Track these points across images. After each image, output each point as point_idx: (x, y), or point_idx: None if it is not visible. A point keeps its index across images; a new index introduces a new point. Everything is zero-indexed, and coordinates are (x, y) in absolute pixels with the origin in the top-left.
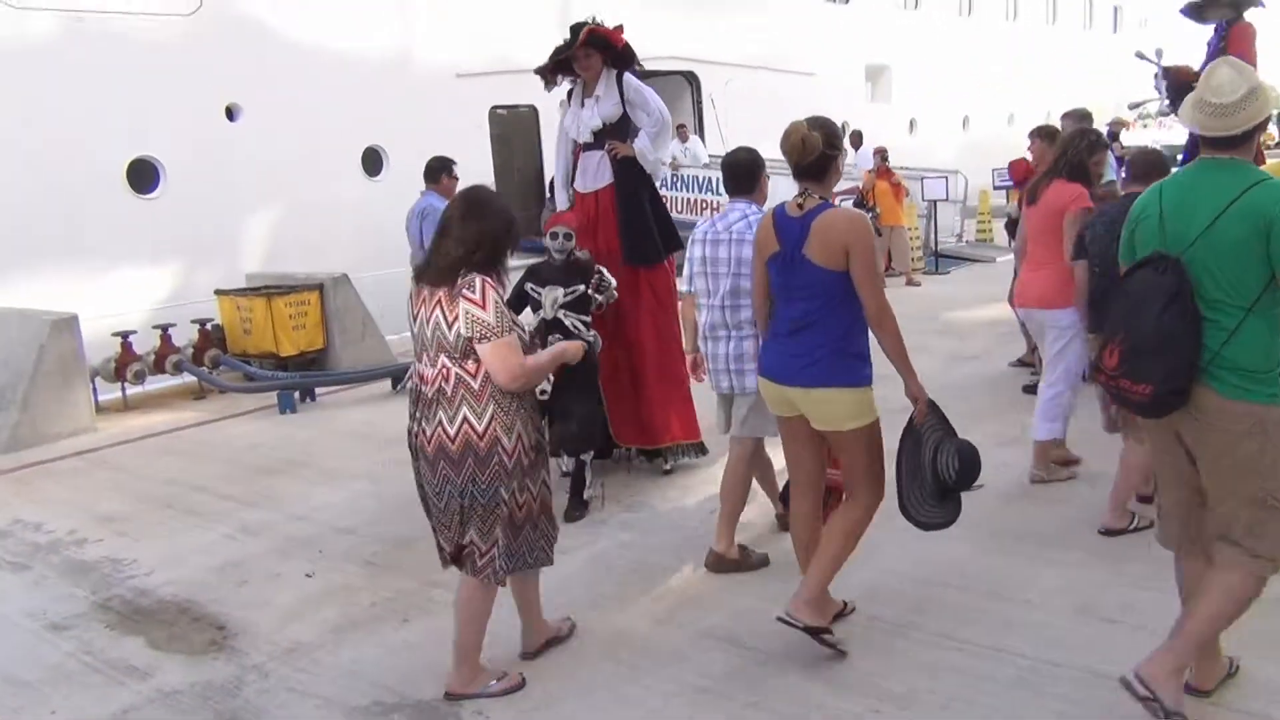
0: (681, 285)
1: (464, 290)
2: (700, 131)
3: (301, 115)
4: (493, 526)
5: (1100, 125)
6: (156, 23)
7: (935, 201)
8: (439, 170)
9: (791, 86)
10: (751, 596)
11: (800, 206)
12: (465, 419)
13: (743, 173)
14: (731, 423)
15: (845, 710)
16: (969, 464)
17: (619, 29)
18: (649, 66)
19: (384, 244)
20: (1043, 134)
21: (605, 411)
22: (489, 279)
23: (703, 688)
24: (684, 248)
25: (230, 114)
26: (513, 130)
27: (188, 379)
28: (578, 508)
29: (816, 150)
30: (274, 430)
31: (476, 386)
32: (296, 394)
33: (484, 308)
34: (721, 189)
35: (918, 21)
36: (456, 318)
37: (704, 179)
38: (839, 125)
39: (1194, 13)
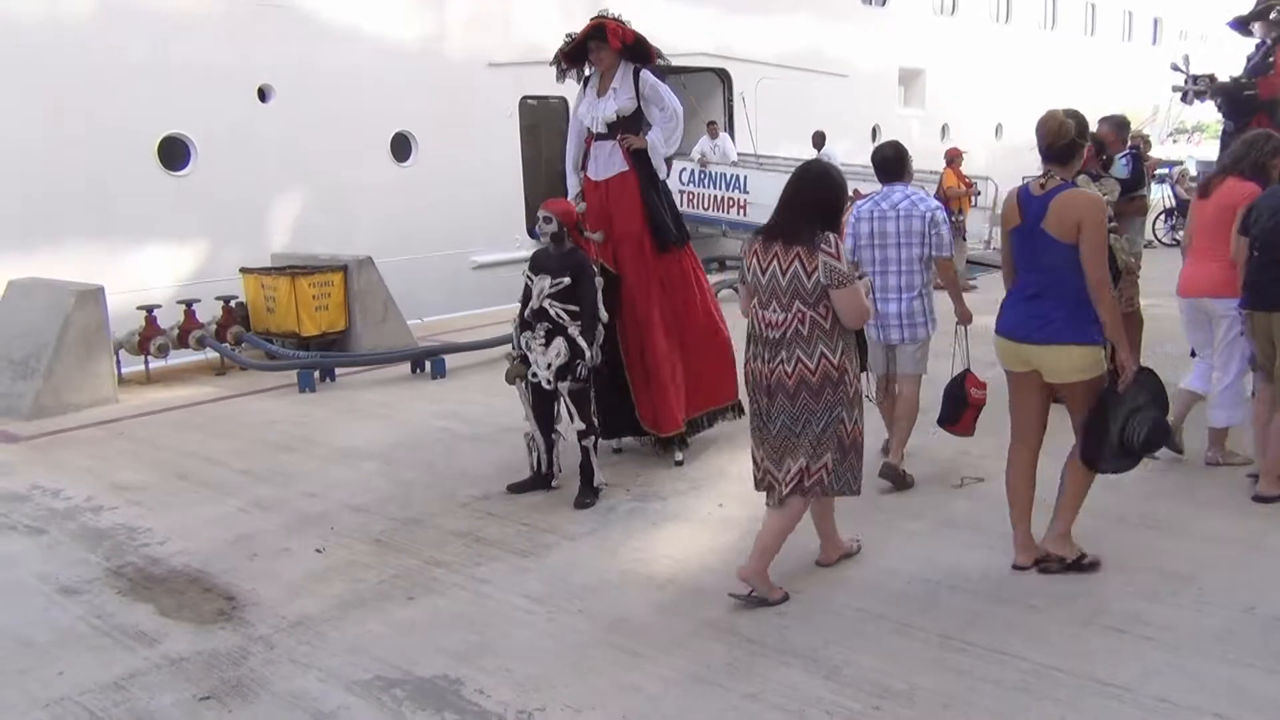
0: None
1: (821, 245)
2: (730, 129)
3: (333, 99)
4: (826, 448)
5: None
6: (193, 2)
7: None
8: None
9: (824, 87)
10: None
11: (1043, 186)
12: (822, 354)
13: (893, 163)
14: (900, 365)
15: (844, 706)
16: (1153, 439)
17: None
18: (680, 63)
19: (410, 229)
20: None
21: (633, 397)
22: (838, 236)
23: (701, 677)
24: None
25: (263, 95)
26: (542, 121)
27: (210, 354)
28: (588, 495)
29: (1069, 136)
30: (292, 408)
31: (828, 326)
32: (316, 373)
33: (839, 259)
34: (749, 186)
35: (954, 26)
36: (815, 268)
37: (731, 176)
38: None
39: (1241, 26)
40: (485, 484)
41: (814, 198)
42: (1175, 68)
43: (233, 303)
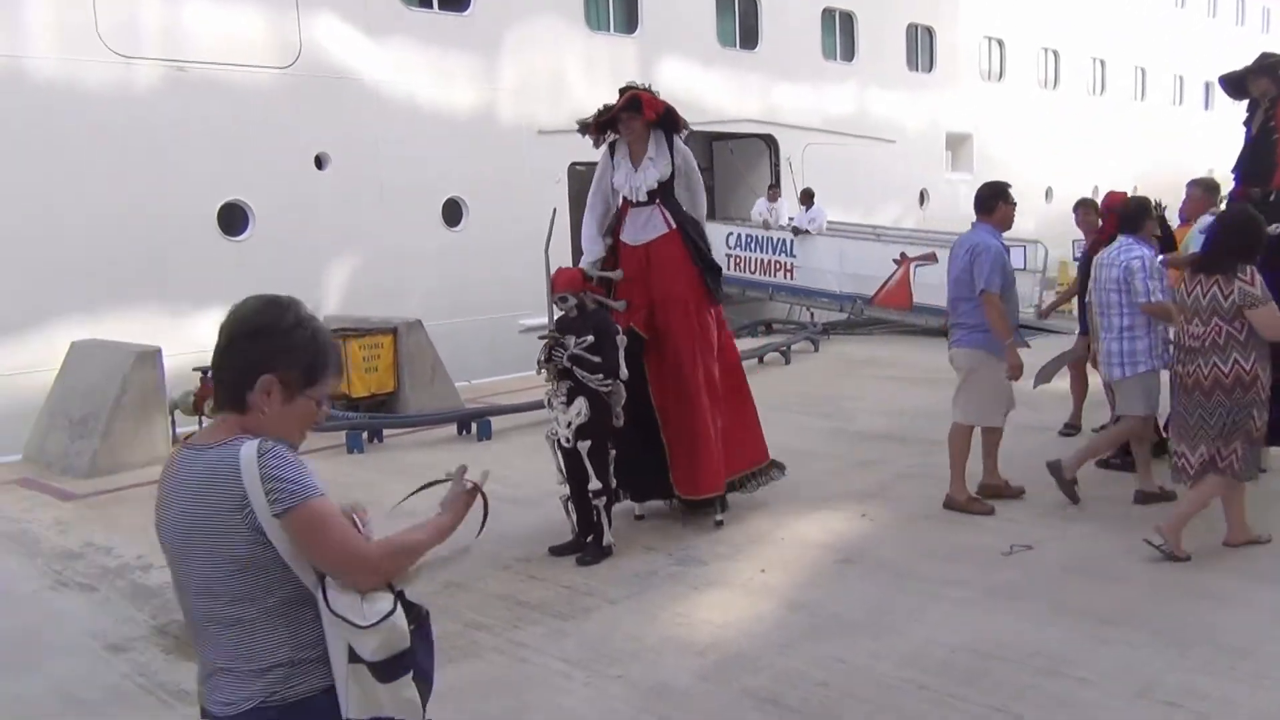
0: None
1: (1238, 274)
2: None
3: (386, 166)
4: (1235, 438)
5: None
6: (255, 73)
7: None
8: (993, 198)
9: (872, 152)
10: (799, 659)
11: None
12: (1236, 361)
13: (1131, 213)
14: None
15: None
16: None
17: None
18: (728, 129)
19: (460, 293)
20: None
21: (668, 459)
22: (1254, 268)
23: None
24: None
25: (319, 163)
26: (589, 187)
27: None
28: (593, 553)
29: None
30: (339, 469)
31: (1242, 339)
32: (365, 434)
33: (1254, 285)
34: (795, 250)
35: (1002, 91)
36: (1232, 292)
37: (778, 241)
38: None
39: (1230, 87)
40: (527, 546)
41: (1237, 242)
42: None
43: None
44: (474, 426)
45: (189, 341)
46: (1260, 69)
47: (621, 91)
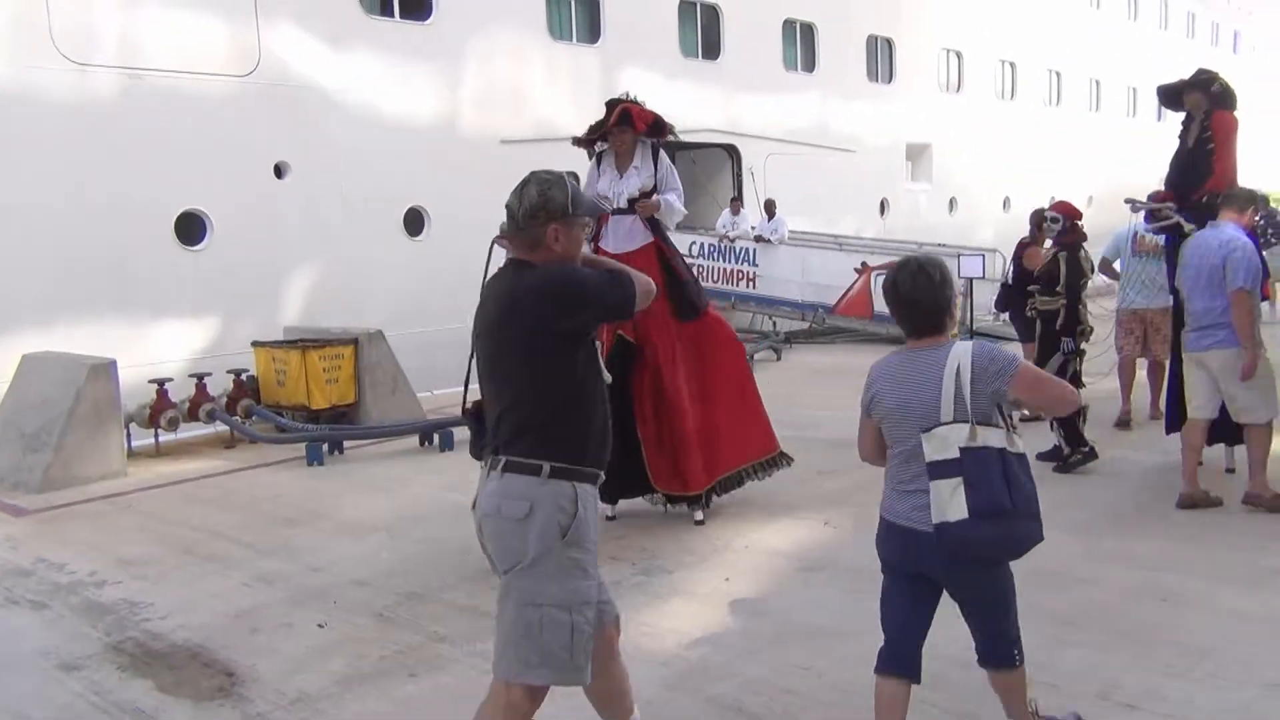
0: None
1: None
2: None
3: (347, 175)
4: None
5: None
6: (213, 82)
7: (972, 279)
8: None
9: (833, 162)
10: (764, 667)
11: None
12: None
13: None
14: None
15: None
16: None
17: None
18: (690, 139)
19: (423, 303)
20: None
21: (644, 457)
22: None
23: None
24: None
25: (279, 172)
26: None
27: (220, 428)
28: None
29: None
30: (300, 481)
31: None
32: (325, 446)
33: None
34: (758, 259)
35: (960, 102)
36: None
37: (740, 250)
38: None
39: (1168, 99)
40: None
41: None
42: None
43: (244, 376)
44: (436, 438)
45: (145, 353)
46: (1195, 84)
47: (609, 105)
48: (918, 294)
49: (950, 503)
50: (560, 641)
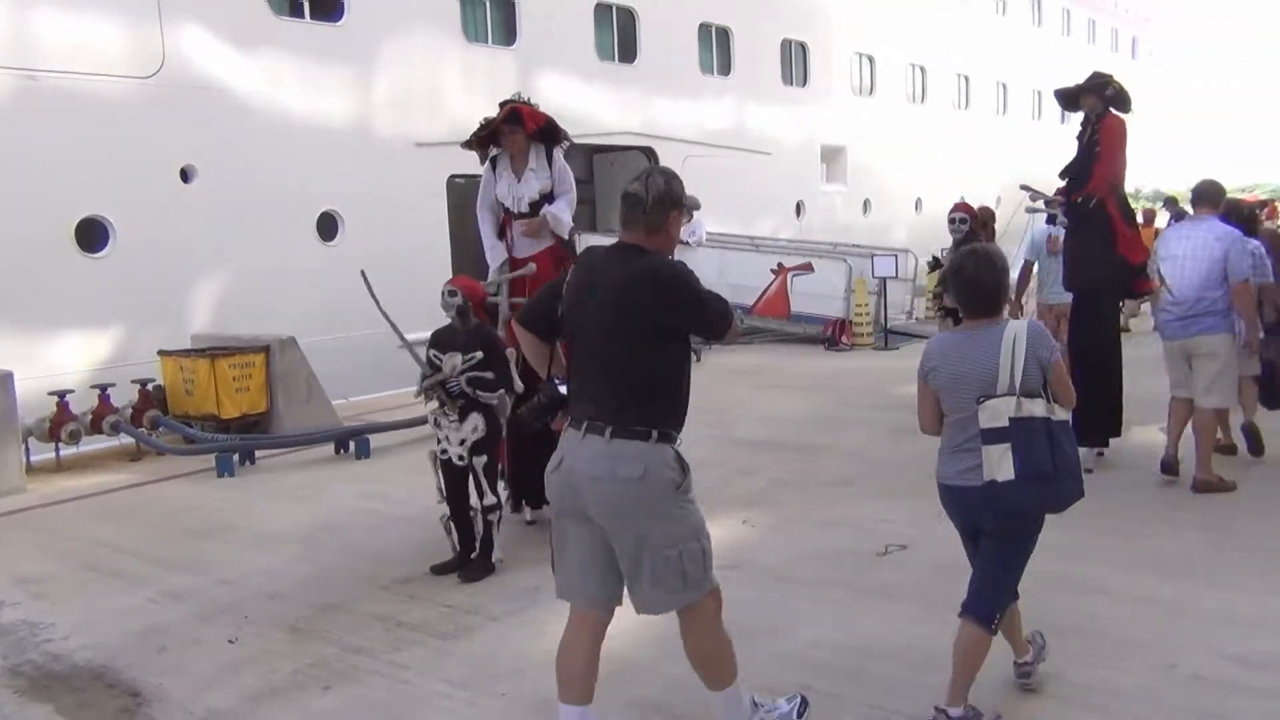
0: None
1: None
2: None
3: (257, 179)
4: None
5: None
6: (114, 83)
7: (885, 279)
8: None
9: (750, 164)
10: (686, 666)
11: None
12: None
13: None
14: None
15: None
16: None
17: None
18: (607, 141)
19: (337, 308)
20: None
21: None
22: None
23: None
24: None
25: (185, 176)
26: (470, 199)
27: (125, 440)
28: (481, 570)
29: None
30: (209, 493)
31: None
32: (235, 456)
33: None
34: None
35: (873, 106)
36: None
37: None
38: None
39: (1066, 101)
40: (409, 566)
41: None
42: (1029, 192)
43: (150, 386)
44: (352, 445)
45: (45, 364)
46: (1090, 88)
47: (501, 105)
48: (981, 278)
49: (999, 465)
50: (697, 565)
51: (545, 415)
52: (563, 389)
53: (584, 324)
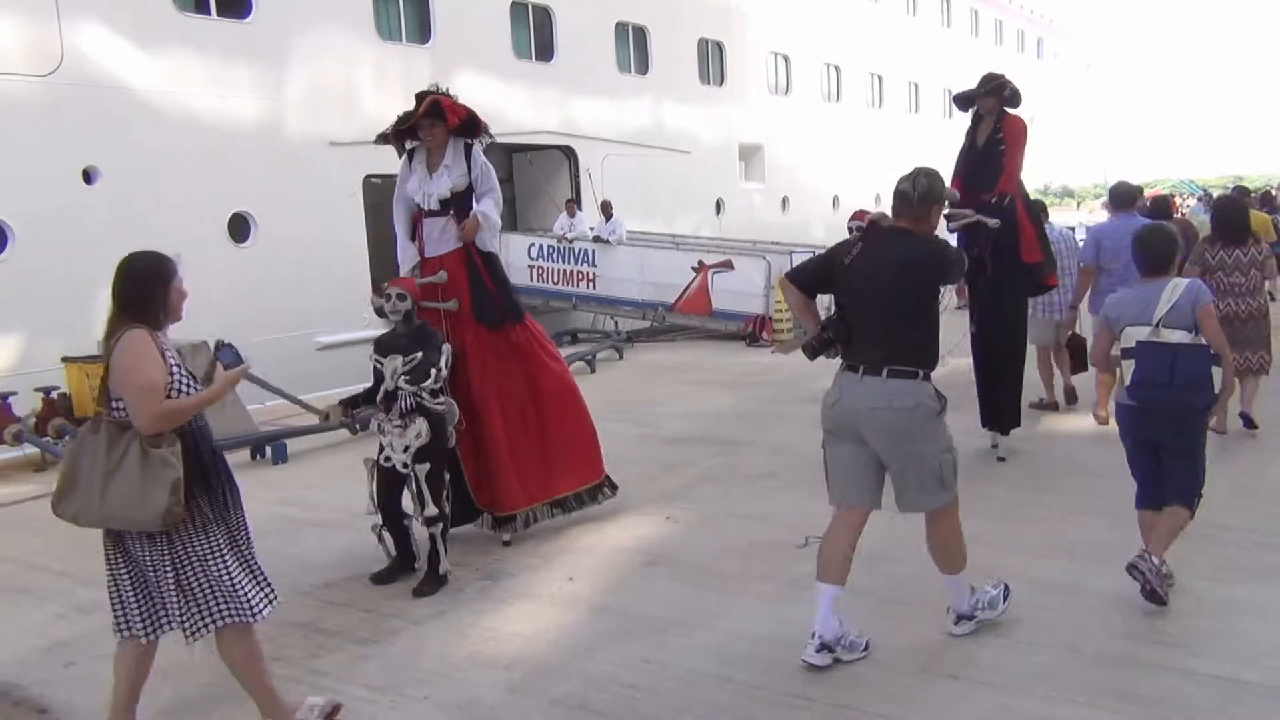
0: None
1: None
2: (578, 205)
3: (165, 180)
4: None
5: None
6: (8, 82)
7: None
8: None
9: (668, 162)
10: (607, 663)
11: None
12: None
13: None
14: None
15: None
16: None
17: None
18: (527, 140)
19: (251, 311)
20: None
21: (464, 480)
22: None
23: None
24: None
25: (88, 177)
26: (387, 199)
27: (29, 450)
28: (431, 583)
29: None
30: None
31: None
32: None
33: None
34: (597, 260)
35: (789, 104)
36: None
37: (580, 251)
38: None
39: (963, 104)
40: (328, 571)
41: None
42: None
43: (54, 394)
44: (268, 450)
45: None
46: (989, 90)
47: (419, 97)
48: (1156, 246)
49: (1127, 375)
50: (950, 472)
51: (822, 351)
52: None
53: (864, 288)
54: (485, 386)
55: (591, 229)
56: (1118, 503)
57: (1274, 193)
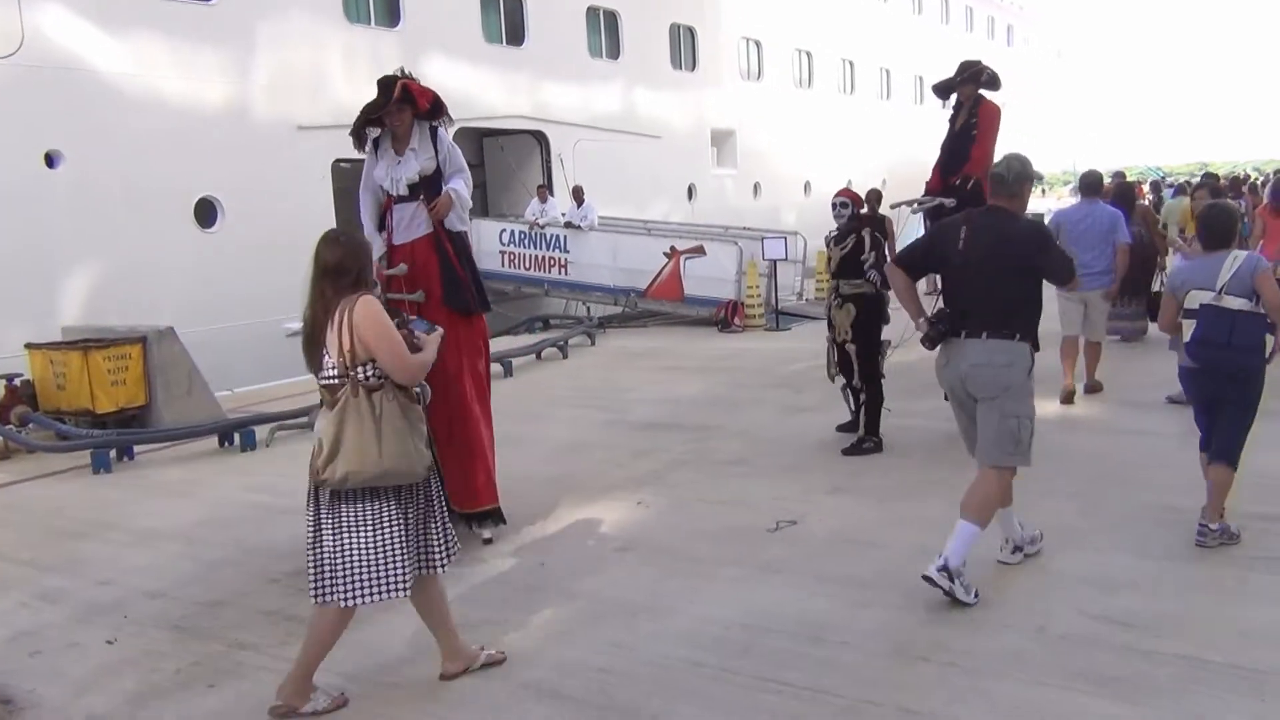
0: None
1: None
2: (550, 190)
3: (129, 163)
4: None
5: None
6: None
7: (776, 261)
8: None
9: (640, 148)
10: (579, 648)
11: None
12: None
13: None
14: None
15: None
16: None
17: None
18: (498, 125)
19: (217, 297)
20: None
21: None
22: None
23: None
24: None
25: (50, 161)
26: (356, 184)
27: None
28: None
29: None
30: (85, 491)
31: None
32: (112, 452)
33: None
34: (569, 246)
35: (760, 90)
36: None
37: (552, 237)
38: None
39: (942, 92)
40: (298, 559)
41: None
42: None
43: (17, 381)
44: (237, 437)
45: None
46: (966, 78)
47: (381, 83)
48: (1219, 221)
49: (1188, 333)
50: (1027, 434)
51: (940, 341)
52: None
53: (967, 263)
54: (461, 372)
55: (563, 214)
56: (1083, 485)
57: (1250, 177)
